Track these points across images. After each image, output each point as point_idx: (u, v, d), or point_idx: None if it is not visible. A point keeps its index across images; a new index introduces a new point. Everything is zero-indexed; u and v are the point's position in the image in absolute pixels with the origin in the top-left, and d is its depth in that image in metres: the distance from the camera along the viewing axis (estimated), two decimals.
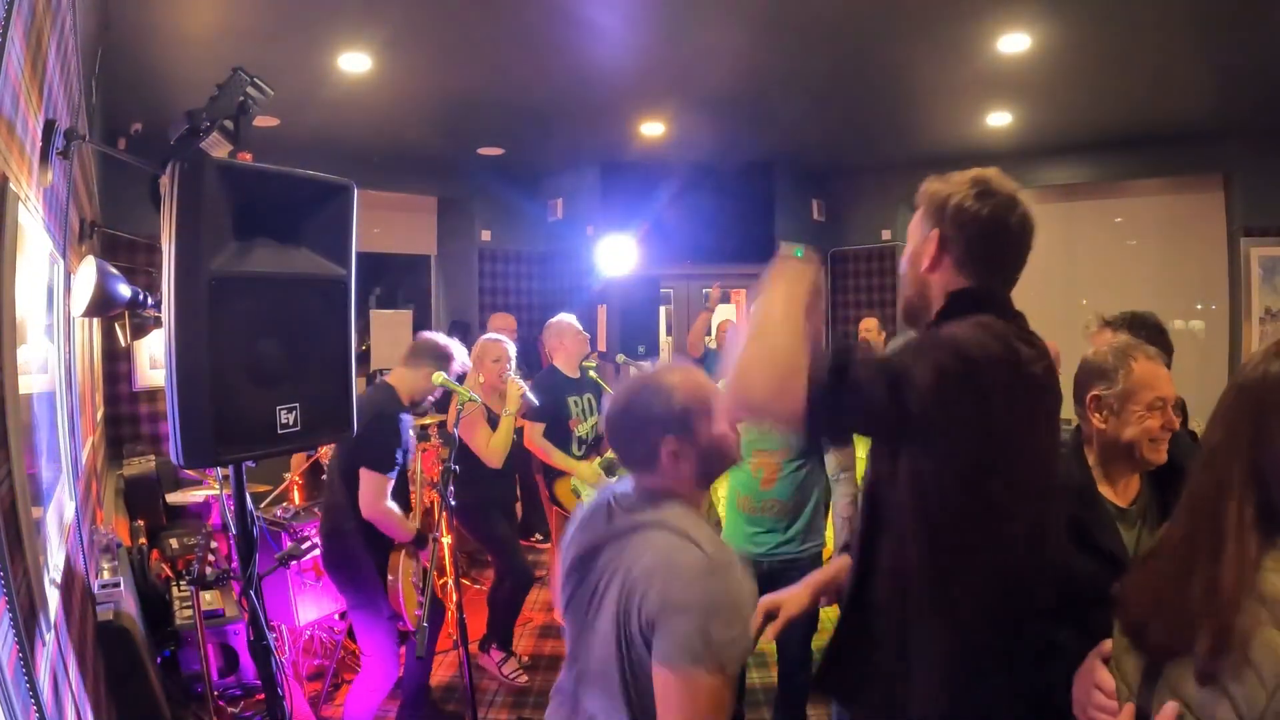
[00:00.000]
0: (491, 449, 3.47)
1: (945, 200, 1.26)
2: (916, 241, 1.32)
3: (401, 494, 2.90)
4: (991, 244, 1.25)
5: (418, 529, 2.91)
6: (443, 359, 2.97)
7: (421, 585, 2.94)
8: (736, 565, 1.28)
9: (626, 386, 1.46)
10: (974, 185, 1.25)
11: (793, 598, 1.57)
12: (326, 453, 3.51)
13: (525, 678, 3.69)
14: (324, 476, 4.00)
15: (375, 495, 2.72)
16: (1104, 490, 1.63)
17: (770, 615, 1.54)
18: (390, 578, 2.83)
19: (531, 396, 3.52)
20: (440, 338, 3.06)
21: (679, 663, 1.20)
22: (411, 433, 2.94)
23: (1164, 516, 1.43)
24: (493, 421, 3.52)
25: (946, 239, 1.26)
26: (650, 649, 1.24)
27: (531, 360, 5.63)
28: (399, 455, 2.78)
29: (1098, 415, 1.61)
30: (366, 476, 2.71)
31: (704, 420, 1.36)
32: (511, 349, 3.64)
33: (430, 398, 3.02)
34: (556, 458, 3.80)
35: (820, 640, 2.86)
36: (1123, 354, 1.61)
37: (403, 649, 2.98)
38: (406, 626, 2.85)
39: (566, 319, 4.07)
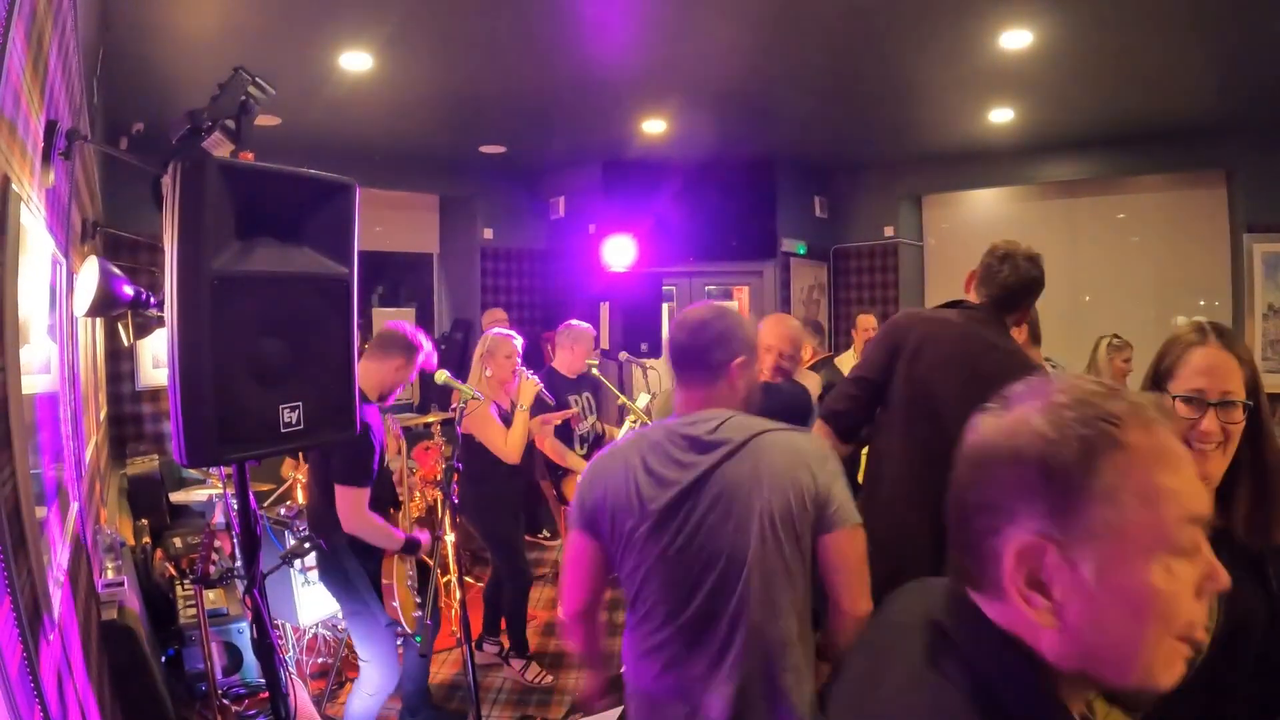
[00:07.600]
0: (510, 445, 3.40)
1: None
2: None
3: (387, 490, 2.80)
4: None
5: (406, 537, 2.79)
6: (411, 349, 2.84)
7: (417, 588, 2.90)
8: None
9: (707, 309, 1.67)
10: None
11: None
12: None
13: (550, 678, 3.65)
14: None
15: (352, 510, 2.60)
16: None
17: None
18: (385, 582, 2.75)
19: (546, 394, 3.45)
20: (407, 326, 2.93)
21: (851, 521, 1.48)
22: (387, 421, 2.81)
23: None
24: (503, 417, 3.46)
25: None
26: (817, 526, 1.47)
27: (534, 358, 5.63)
28: (375, 459, 2.64)
29: None
30: (340, 492, 2.59)
31: (753, 358, 1.67)
32: (519, 343, 3.60)
33: (399, 389, 2.88)
34: (571, 459, 3.82)
35: None
36: None
37: (401, 649, 2.96)
38: (404, 631, 2.79)
39: (587, 327, 4.03)
